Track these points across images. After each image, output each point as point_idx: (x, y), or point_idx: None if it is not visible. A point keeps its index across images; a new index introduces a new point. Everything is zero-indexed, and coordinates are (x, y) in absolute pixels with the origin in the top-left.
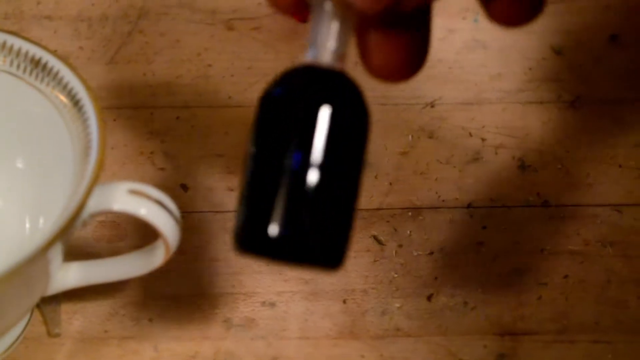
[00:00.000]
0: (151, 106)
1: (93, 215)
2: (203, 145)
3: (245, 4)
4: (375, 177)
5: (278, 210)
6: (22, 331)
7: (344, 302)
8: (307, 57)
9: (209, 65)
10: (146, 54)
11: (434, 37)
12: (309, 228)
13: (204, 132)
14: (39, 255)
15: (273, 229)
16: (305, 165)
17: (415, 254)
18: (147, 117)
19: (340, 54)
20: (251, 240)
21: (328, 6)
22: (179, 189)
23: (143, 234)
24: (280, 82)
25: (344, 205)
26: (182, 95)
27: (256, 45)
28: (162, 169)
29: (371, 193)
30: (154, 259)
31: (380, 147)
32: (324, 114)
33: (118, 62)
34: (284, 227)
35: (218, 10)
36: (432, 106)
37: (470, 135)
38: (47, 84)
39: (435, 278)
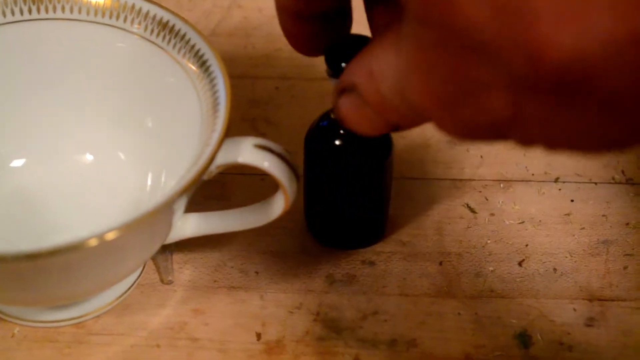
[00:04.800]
0: (252, 76)
1: (219, 167)
2: (301, 114)
3: None
4: (467, 150)
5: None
6: (137, 278)
7: (440, 264)
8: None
9: None
10: (245, 27)
11: None
12: (347, 235)
13: (301, 102)
14: (172, 202)
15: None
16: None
17: (506, 222)
18: (248, 86)
19: None
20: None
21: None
22: None
23: (246, 195)
24: (316, 128)
25: (374, 217)
26: (280, 67)
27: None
28: (263, 133)
29: (463, 165)
30: (273, 210)
31: None
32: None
33: (219, 34)
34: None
35: None
36: None
37: None
38: (176, 47)
39: (526, 245)
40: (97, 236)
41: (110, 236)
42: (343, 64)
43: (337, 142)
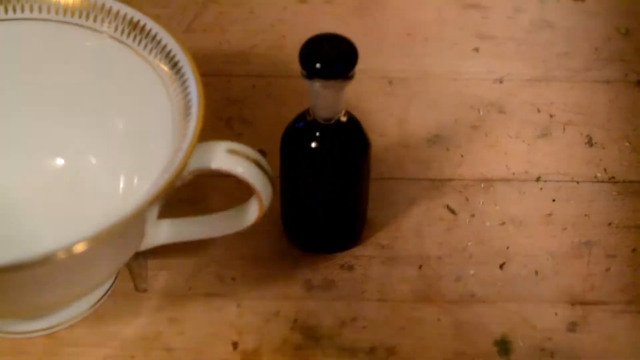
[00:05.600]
0: (228, 74)
1: (192, 173)
2: (278, 113)
3: None
4: (447, 149)
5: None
6: (111, 286)
7: (420, 267)
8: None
9: (283, 36)
10: (221, 23)
11: (502, 15)
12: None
13: (278, 100)
14: (143, 211)
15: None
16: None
17: (487, 224)
18: (224, 84)
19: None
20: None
21: (316, 84)
22: None
23: (223, 198)
24: (292, 130)
25: (352, 220)
26: (257, 64)
27: (328, 18)
28: (240, 134)
29: (443, 164)
30: (248, 216)
31: (451, 120)
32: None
33: (194, 30)
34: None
35: None
36: (501, 82)
37: (539, 111)
38: (146, 48)
39: (507, 247)
40: (65, 249)
41: (79, 248)
42: (318, 65)
43: (313, 144)
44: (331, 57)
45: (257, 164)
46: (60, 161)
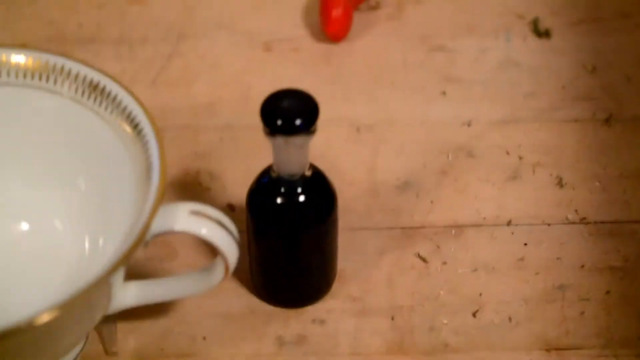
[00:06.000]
0: (194, 127)
1: (155, 236)
2: (247, 166)
3: (281, 25)
4: (417, 195)
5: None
6: (80, 350)
7: (392, 318)
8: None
9: (249, 87)
10: (187, 76)
11: (468, 57)
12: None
13: (247, 152)
14: (106, 279)
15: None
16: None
17: (459, 271)
18: (191, 138)
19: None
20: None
21: (279, 140)
22: (226, 209)
23: (193, 254)
24: (257, 186)
25: (321, 274)
26: (224, 116)
27: (294, 66)
28: (208, 189)
29: (413, 212)
30: (214, 277)
31: (420, 165)
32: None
33: (160, 84)
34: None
35: (255, 32)
36: (469, 125)
37: (508, 153)
38: (107, 109)
39: (480, 294)
40: (27, 321)
41: (42, 319)
42: (279, 122)
43: (278, 200)
44: (292, 113)
45: (221, 225)
46: (25, 226)
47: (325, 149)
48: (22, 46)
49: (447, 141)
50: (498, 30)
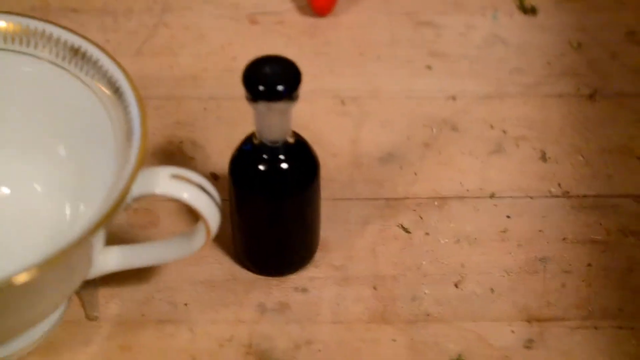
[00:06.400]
0: (178, 97)
1: (135, 200)
2: (230, 136)
3: None
4: (400, 167)
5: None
6: (61, 314)
7: (375, 288)
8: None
9: (234, 59)
10: (172, 47)
11: (454, 32)
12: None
13: (230, 123)
14: (85, 240)
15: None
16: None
17: (442, 241)
18: (174, 107)
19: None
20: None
21: (261, 106)
22: (210, 178)
23: (175, 221)
24: (240, 153)
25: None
26: (208, 87)
27: (280, 39)
28: (191, 158)
29: (396, 183)
30: (195, 242)
31: (404, 138)
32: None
33: (144, 54)
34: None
35: (241, 5)
36: (454, 99)
37: (492, 127)
38: (88, 74)
39: (462, 265)
40: (5, 280)
41: (21, 279)
42: (261, 87)
43: (261, 167)
44: (274, 79)
45: (202, 189)
46: (5, 190)
47: (310, 120)
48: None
49: (432, 115)
50: (485, 7)
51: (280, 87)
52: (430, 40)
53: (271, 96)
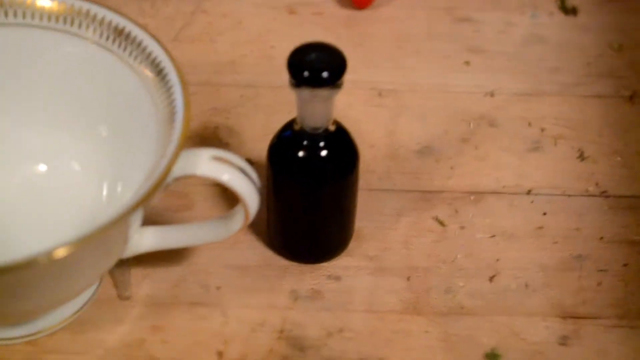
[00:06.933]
0: (216, 84)
1: (176, 180)
2: (266, 123)
3: None
4: (437, 161)
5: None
6: (94, 293)
7: (408, 279)
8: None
9: (272, 47)
10: (209, 33)
11: (493, 29)
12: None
13: (267, 110)
14: (126, 217)
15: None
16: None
17: (477, 236)
18: (211, 93)
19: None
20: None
21: (304, 93)
22: None
23: (210, 205)
24: (279, 139)
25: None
26: (245, 74)
27: (318, 29)
28: (227, 144)
29: (433, 176)
30: (233, 225)
31: (441, 132)
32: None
33: (182, 40)
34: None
35: None
36: (492, 95)
37: (530, 125)
38: (132, 55)
39: (497, 260)
40: (46, 253)
41: (60, 253)
42: (305, 73)
43: (300, 154)
44: (319, 65)
45: (243, 171)
46: (42, 167)
47: (347, 110)
48: None
49: (469, 110)
50: (524, 5)
51: (324, 74)
52: (468, 36)
53: (315, 82)
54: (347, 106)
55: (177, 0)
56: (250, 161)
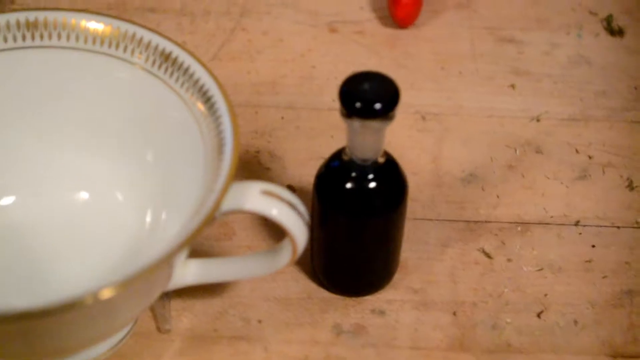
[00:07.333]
0: (256, 104)
1: (224, 214)
2: (308, 147)
3: (347, 7)
4: (482, 189)
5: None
6: (133, 326)
7: (454, 314)
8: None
9: (313, 67)
10: (249, 51)
11: (538, 50)
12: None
13: (309, 133)
14: (174, 255)
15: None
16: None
17: (524, 269)
18: (251, 115)
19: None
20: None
21: (355, 123)
22: None
23: (250, 235)
24: (327, 169)
25: (385, 263)
26: (286, 95)
27: (359, 49)
28: (268, 168)
29: (478, 205)
30: (280, 260)
31: (487, 159)
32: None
33: (222, 58)
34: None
35: (320, 12)
36: (538, 120)
37: (577, 151)
38: (178, 81)
39: (545, 295)
40: (91, 294)
41: (107, 294)
42: (357, 104)
43: (348, 185)
44: (372, 96)
45: (292, 207)
46: (84, 195)
47: (389, 135)
48: (90, 11)
49: (515, 135)
50: (569, 25)
51: (377, 105)
52: (512, 57)
53: (366, 114)
54: (390, 131)
55: (217, 16)
56: (292, 188)
